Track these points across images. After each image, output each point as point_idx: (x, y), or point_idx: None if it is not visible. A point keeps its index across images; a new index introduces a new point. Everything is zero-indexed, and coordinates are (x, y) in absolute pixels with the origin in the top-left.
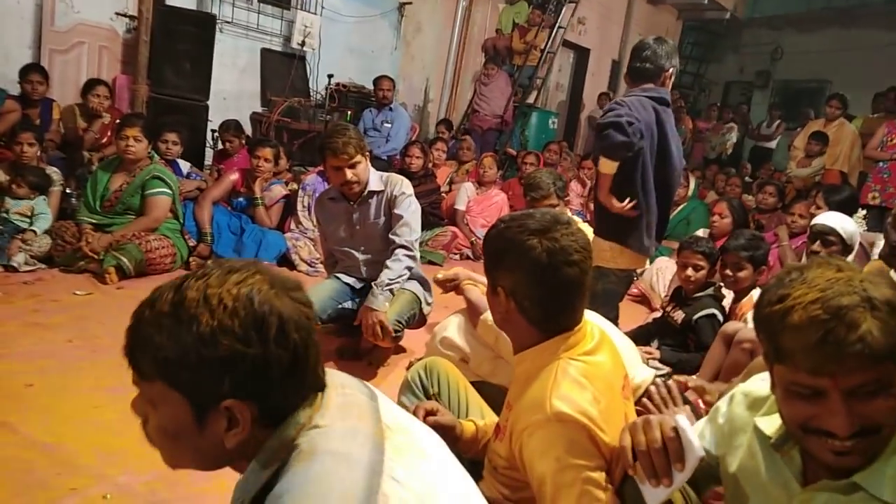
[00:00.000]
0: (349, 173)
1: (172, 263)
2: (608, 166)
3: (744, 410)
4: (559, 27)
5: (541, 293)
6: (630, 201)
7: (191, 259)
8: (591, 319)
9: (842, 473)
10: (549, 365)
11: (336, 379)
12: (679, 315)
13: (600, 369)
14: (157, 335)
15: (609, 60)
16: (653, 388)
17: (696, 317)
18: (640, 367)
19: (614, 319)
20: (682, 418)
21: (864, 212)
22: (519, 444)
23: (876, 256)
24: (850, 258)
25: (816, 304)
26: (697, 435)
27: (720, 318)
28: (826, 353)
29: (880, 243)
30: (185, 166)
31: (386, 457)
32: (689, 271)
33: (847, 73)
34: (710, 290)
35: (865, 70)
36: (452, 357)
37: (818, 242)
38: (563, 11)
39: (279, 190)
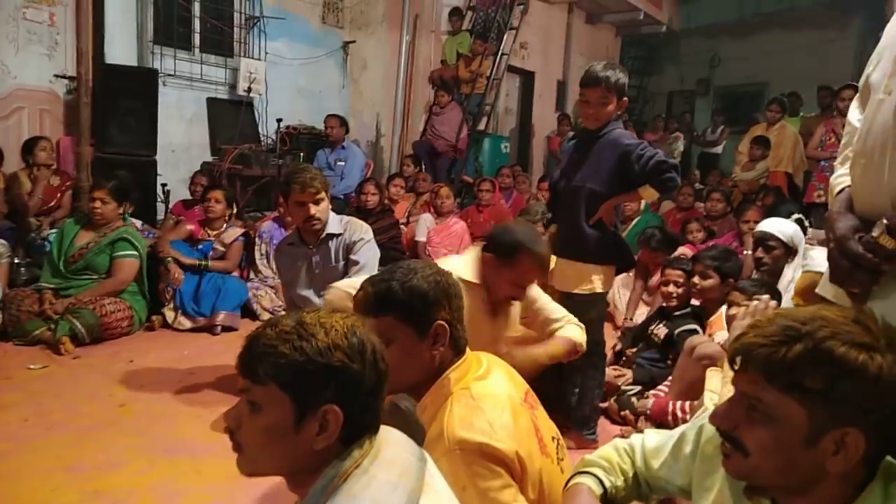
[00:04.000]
0: (313, 209)
1: (130, 327)
2: (651, 195)
3: (714, 450)
4: (502, 54)
5: (461, 314)
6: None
7: (153, 317)
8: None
9: None
10: (445, 401)
11: (391, 436)
12: (661, 331)
13: (493, 388)
14: (281, 345)
15: (554, 81)
16: None
17: (677, 332)
18: None
19: (603, 343)
20: None
21: (797, 216)
22: None
23: (801, 265)
24: (797, 260)
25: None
26: (655, 449)
27: (701, 333)
28: (733, 345)
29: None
30: (136, 224)
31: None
32: (671, 287)
33: (783, 75)
34: (690, 309)
35: (800, 70)
36: None
37: (760, 249)
38: (504, 38)
39: (235, 230)
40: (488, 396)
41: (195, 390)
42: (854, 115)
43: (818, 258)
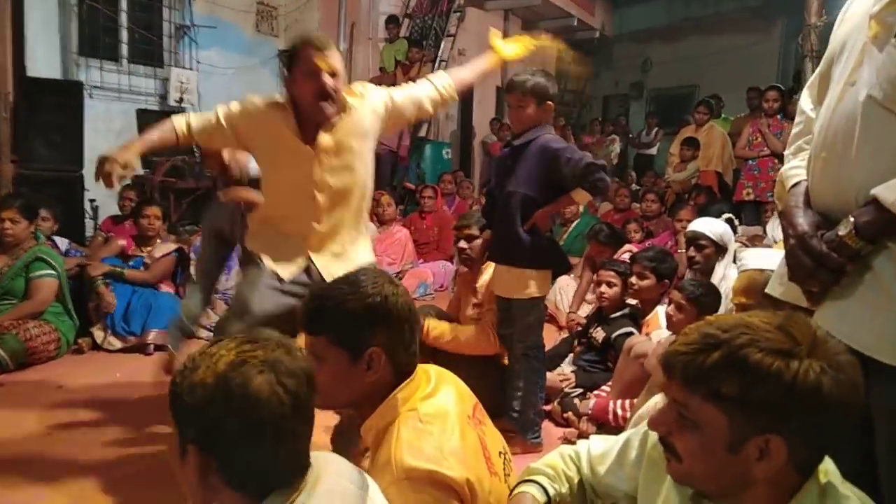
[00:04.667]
0: None
1: (57, 350)
2: (584, 197)
3: (660, 455)
4: (441, 60)
5: (407, 337)
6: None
7: (81, 339)
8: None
9: None
10: (392, 424)
11: (329, 464)
12: (600, 334)
13: (441, 408)
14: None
15: (493, 87)
16: None
17: (614, 335)
18: None
19: (543, 346)
20: None
21: (728, 215)
22: None
23: (736, 265)
24: (728, 257)
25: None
26: (601, 455)
27: (637, 334)
28: (664, 354)
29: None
30: (62, 243)
31: None
32: (604, 287)
33: (711, 77)
34: (627, 310)
35: (727, 72)
36: None
37: (692, 248)
38: (442, 45)
39: (168, 246)
40: (437, 417)
41: (129, 415)
42: (806, 103)
43: (750, 259)
